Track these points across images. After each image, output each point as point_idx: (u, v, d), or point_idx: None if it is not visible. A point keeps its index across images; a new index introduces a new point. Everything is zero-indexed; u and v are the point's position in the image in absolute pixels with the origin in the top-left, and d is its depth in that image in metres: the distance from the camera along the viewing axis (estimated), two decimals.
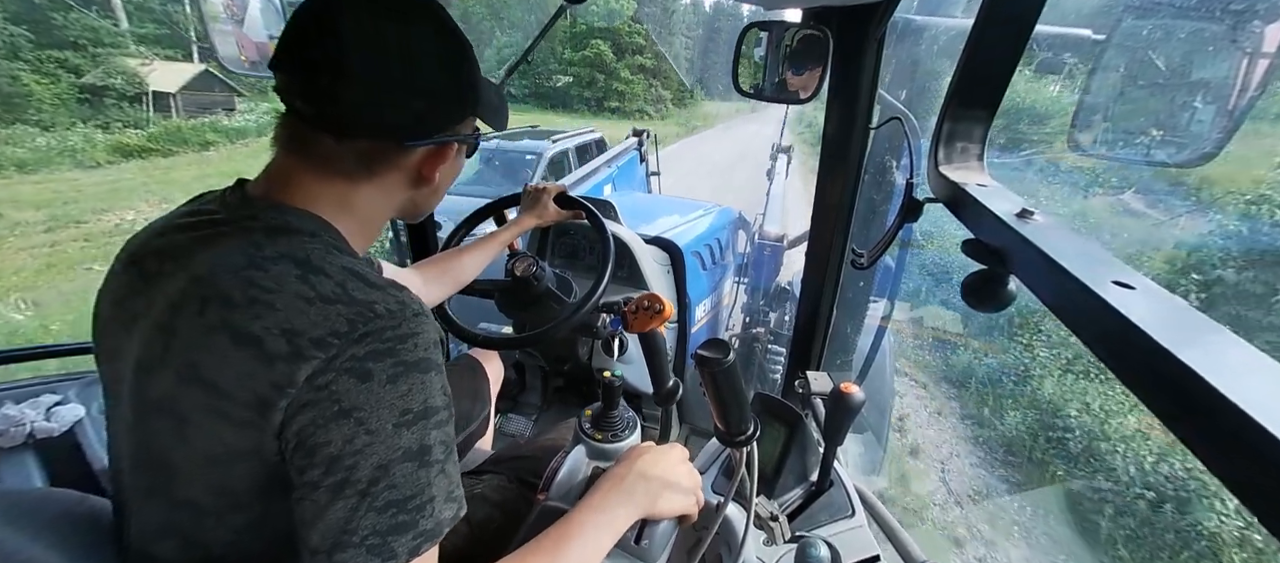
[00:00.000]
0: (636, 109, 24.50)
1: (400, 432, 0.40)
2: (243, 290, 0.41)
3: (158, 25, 14.88)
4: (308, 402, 0.39)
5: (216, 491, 0.43)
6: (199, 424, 0.41)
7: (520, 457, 0.92)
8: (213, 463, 0.42)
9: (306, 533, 0.39)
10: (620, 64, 24.67)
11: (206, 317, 0.41)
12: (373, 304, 0.43)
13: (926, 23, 1.41)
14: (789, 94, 0.94)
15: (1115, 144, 0.84)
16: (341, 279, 0.43)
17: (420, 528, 0.40)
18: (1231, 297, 4.02)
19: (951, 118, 0.62)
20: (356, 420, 0.39)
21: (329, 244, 0.47)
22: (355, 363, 0.40)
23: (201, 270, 0.43)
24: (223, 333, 0.40)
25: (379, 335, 0.41)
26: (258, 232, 0.45)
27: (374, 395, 0.40)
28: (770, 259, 2.37)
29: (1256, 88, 0.63)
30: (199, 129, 11.92)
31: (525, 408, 1.74)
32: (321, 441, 0.39)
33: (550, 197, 1.05)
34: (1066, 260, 0.40)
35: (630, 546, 0.58)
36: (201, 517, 0.44)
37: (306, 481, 0.40)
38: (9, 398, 1.00)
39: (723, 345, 0.53)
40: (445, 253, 0.99)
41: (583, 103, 24.53)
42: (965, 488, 3.38)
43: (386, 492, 0.39)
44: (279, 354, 0.39)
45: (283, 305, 0.41)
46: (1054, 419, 3.79)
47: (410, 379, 0.41)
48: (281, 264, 0.43)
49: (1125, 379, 0.33)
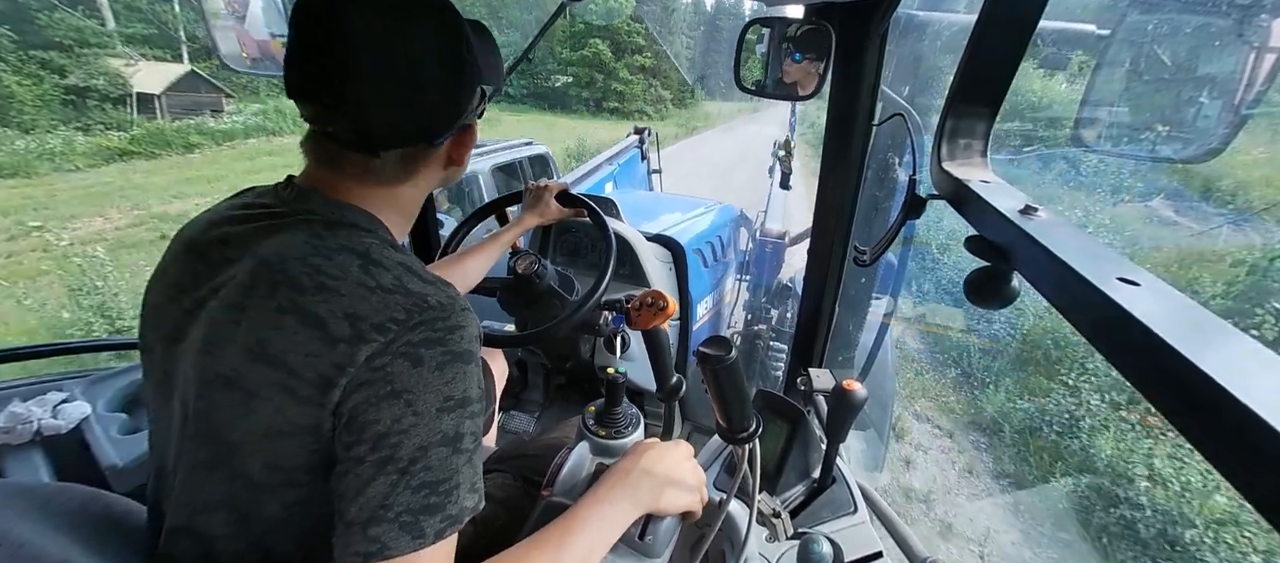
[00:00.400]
0: (635, 109, 24.06)
1: (442, 417, 0.43)
2: (311, 276, 0.44)
3: (145, 25, 14.43)
4: (365, 381, 0.42)
5: (273, 466, 0.46)
6: (267, 399, 0.43)
7: (524, 454, 0.92)
8: (273, 437, 0.44)
9: (345, 506, 0.42)
10: (619, 64, 24.29)
11: (276, 298, 0.44)
12: (427, 297, 0.46)
13: (929, 18, 1.41)
14: (791, 91, 0.94)
15: (1120, 140, 0.84)
16: (398, 273, 0.47)
17: (447, 512, 0.43)
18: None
19: (954, 114, 0.62)
20: (406, 401, 0.42)
21: (384, 240, 0.51)
22: (410, 348, 0.43)
23: (269, 256, 0.46)
24: (291, 314, 0.43)
25: (431, 325, 0.45)
26: (317, 224, 0.49)
27: (423, 380, 0.43)
28: (772, 256, 2.36)
29: (1263, 82, 0.62)
30: (184, 131, 11.70)
31: (528, 406, 1.74)
32: (372, 418, 0.42)
33: (552, 195, 1.06)
34: (1070, 257, 0.40)
35: (634, 542, 0.58)
36: (257, 491, 0.47)
37: (352, 455, 0.42)
38: (16, 396, 1.01)
39: (725, 343, 0.53)
40: (449, 257, 1.00)
41: (581, 103, 24.19)
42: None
43: (423, 472, 0.42)
44: (342, 336, 0.43)
45: (347, 292, 0.44)
46: (1115, 488, 3.02)
47: (455, 368, 0.45)
48: (343, 255, 0.46)
49: (1130, 376, 0.33)
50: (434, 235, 1.33)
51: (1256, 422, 0.24)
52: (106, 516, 0.53)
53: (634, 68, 24.75)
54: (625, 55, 24.55)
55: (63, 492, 0.52)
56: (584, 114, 23.04)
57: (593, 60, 24.09)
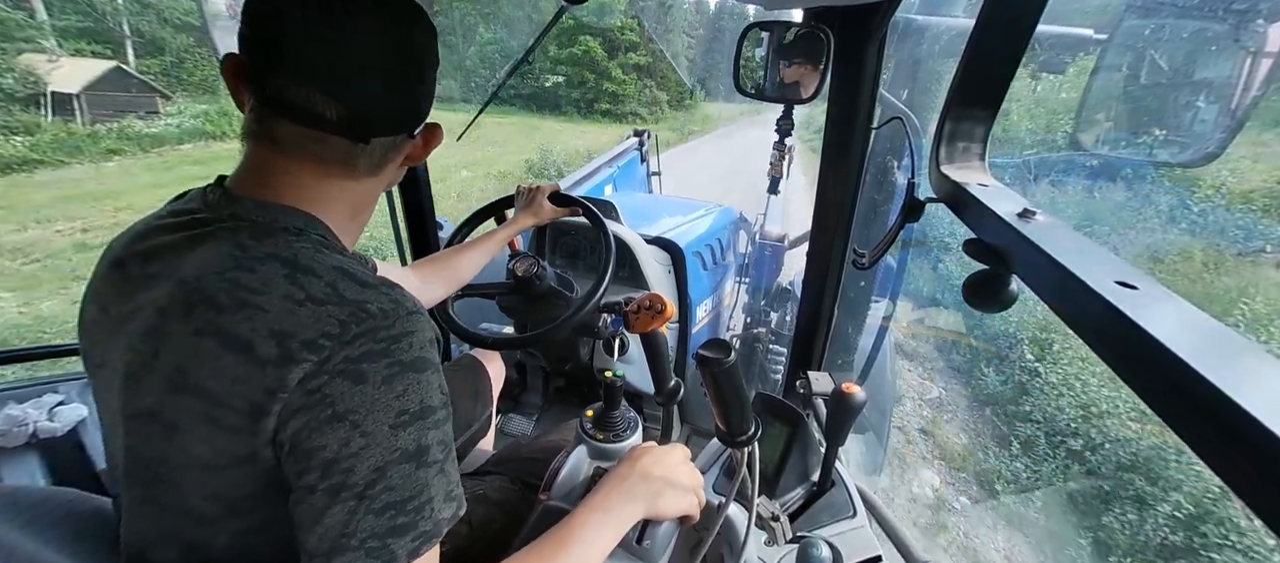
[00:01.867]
0: (629, 112, 21.59)
1: (397, 433, 0.40)
2: (229, 293, 0.40)
3: (82, 16, 12.60)
4: (301, 406, 0.39)
5: (213, 497, 0.43)
6: (191, 431, 0.40)
7: (522, 458, 0.92)
8: (207, 470, 0.41)
9: (304, 537, 0.39)
10: (612, 62, 21.62)
11: (193, 321, 0.40)
12: (365, 304, 0.42)
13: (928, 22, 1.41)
14: (790, 94, 0.94)
15: (1118, 143, 0.84)
16: (332, 279, 0.42)
17: (419, 529, 0.40)
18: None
19: (953, 117, 0.62)
20: (351, 423, 0.39)
21: (317, 242, 0.46)
22: (348, 365, 0.39)
23: (187, 273, 0.42)
24: (211, 337, 0.39)
25: (372, 336, 0.41)
26: (243, 231, 0.44)
27: (369, 398, 0.39)
28: (771, 259, 2.36)
29: (1259, 87, 0.63)
30: (102, 136, 10.07)
31: (527, 408, 1.74)
32: (317, 444, 0.39)
33: (544, 195, 1.05)
34: (1068, 260, 0.40)
35: (632, 546, 0.58)
36: (200, 524, 0.44)
37: (303, 485, 0.39)
38: (12, 398, 1.01)
39: (724, 346, 0.53)
40: (443, 252, 1.00)
41: (572, 105, 21.88)
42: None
43: (384, 494, 0.39)
44: (269, 358, 0.39)
45: (271, 307, 0.40)
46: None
47: (406, 380, 0.41)
48: (269, 265, 0.42)
49: (1127, 380, 0.33)
50: (433, 238, 1.33)
51: (1256, 426, 0.24)
52: (95, 519, 0.53)
53: (628, 67, 22.26)
54: (619, 54, 21.92)
55: (56, 496, 0.51)
56: (574, 117, 21.02)
57: (583, 59, 21.52)
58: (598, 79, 21.89)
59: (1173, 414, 0.30)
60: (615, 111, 21.61)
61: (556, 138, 14.44)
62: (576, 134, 16.30)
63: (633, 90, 22.32)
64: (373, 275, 0.45)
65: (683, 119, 22.41)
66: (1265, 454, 0.24)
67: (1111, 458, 3.20)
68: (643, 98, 22.78)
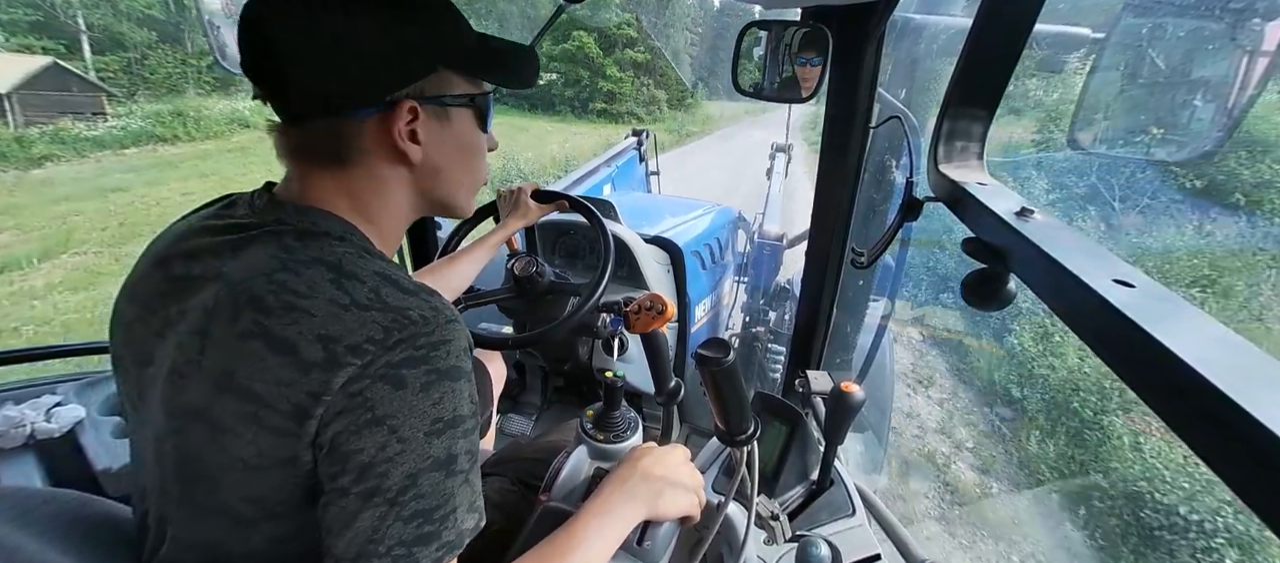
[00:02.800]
0: (625, 111, 20.03)
1: (431, 441, 0.40)
2: (277, 296, 0.41)
3: (30, 9, 11.38)
4: (343, 409, 0.39)
5: (252, 499, 0.43)
6: (237, 432, 0.40)
7: (522, 458, 0.92)
8: (248, 470, 0.41)
9: (332, 540, 0.40)
10: (608, 59, 20.15)
11: (240, 323, 0.41)
12: (407, 311, 0.42)
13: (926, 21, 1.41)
14: (788, 93, 0.94)
15: (1115, 142, 0.84)
16: (375, 285, 0.43)
17: (443, 539, 0.41)
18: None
19: (951, 116, 0.62)
20: (389, 428, 0.39)
21: (360, 248, 0.47)
22: (390, 370, 0.40)
23: (234, 275, 0.43)
24: (258, 339, 0.40)
25: (413, 342, 0.41)
26: (288, 235, 0.45)
27: (407, 403, 0.40)
28: (770, 258, 2.36)
29: (1256, 86, 0.63)
30: (31, 140, 9.01)
31: (526, 408, 1.74)
32: (354, 448, 0.39)
33: (526, 195, 1.05)
34: (1066, 258, 0.40)
35: (633, 547, 0.58)
36: (238, 526, 0.44)
37: (336, 487, 0.40)
38: (9, 399, 1.00)
39: (723, 345, 0.53)
40: (439, 261, 1.00)
41: (565, 104, 20.37)
42: None
43: (414, 502, 0.39)
44: (315, 361, 0.39)
45: (318, 311, 0.40)
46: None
47: (442, 387, 0.41)
48: (314, 269, 0.42)
49: (1125, 377, 0.33)
50: (432, 241, 1.33)
51: (1250, 422, 0.24)
52: (98, 521, 0.53)
53: (625, 64, 20.59)
54: (615, 50, 20.33)
55: (54, 497, 0.51)
56: (567, 116, 19.49)
57: (578, 55, 20.13)
58: (593, 77, 20.40)
59: (1173, 414, 0.30)
60: (611, 111, 20.17)
61: (542, 140, 13.12)
62: (565, 136, 14.82)
63: (629, 88, 20.78)
64: (412, 282, 0.46)
65: (681, 120, 20.89)
66: (1261, 449, 0.24)
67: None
68: (640, 96, 21.29)
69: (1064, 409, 3.44)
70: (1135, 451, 2.96)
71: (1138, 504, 2.79)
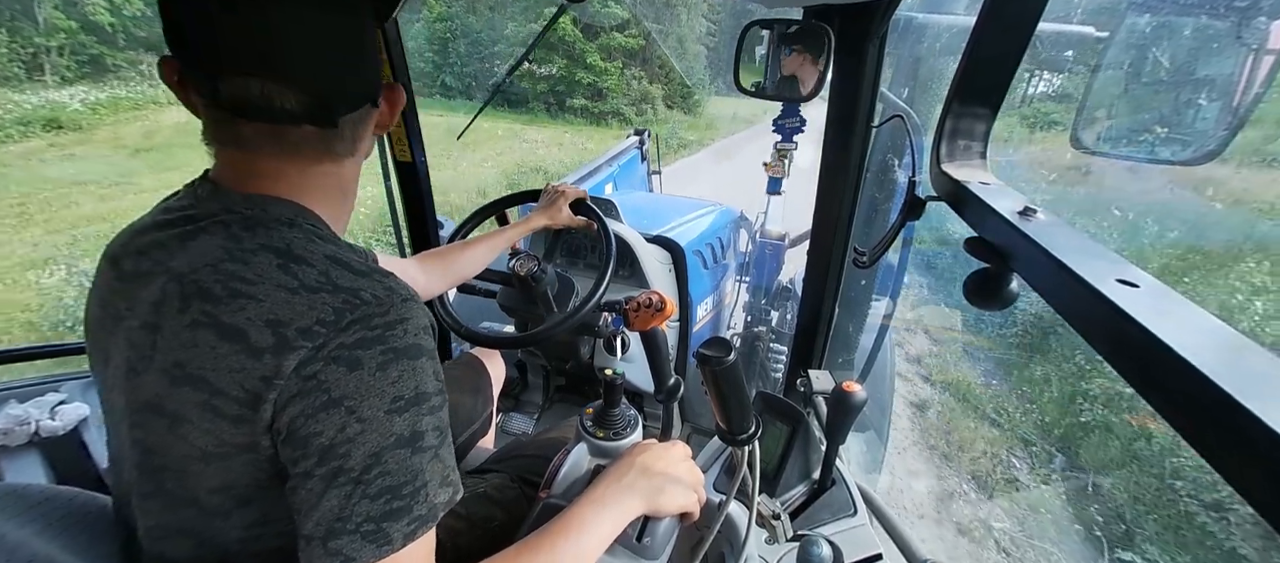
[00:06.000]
0: (611, 111, 14.62)
1: (392, 419, 0.40)
2: (224, 284, 0.41)
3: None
4: (297, 393, 0.39)
5: (220, 488, 0.43)
6: (194, 422, 0.41)
7: (522, 455, 0.92)
8: (210, 460, 0.42)
9: (302, 521, 0.40)
10: (590, 45, 14.43)
11: (189, 314, 0.41)
12: (359, 291, 0.42)
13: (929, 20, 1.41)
14: (790, 92, 0.94)
15: (1119, 142, 0.84)
16: (325, 267, 0.43)
17: (415, 514, 0.41)
18: None
19: (954, 115, 0.62)
20: (347, 409, 0.39)
21: (309, 232, 0.46)
22: (343, 352, 0.40)
23: (181, 267, 0.42)
24: (207, 329, 0.40)
25: (366, 323, 0.41)
26: (234, 224, 0.44)
27: (364, 384, 0.40)
28: (772, 258, 2.36)
29: (1261, 85, 0.62)
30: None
31: (527, 407, 1.74)
32: (313, 431, 0.39)
33: (566, 201, 1.05)
34: (1069, 258, 0.40)
35: (632, 543, 0.58)
36: (209, 516, 0.44)
37: (299, 470, 0.40)
38: (14, 397, 1.01)
39: (724, 344, 0.53)
40: (448, 246, 1.00)
41: (537, 99, 14.93)
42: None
43: (380, 479, 0.40)
44: (265, 346, 0.39)
45: (265, 296, 0.40)
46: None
47: (400, 366, 0.41)
48: (261, 255, 0.42)
49: (1128, 378, 0.33)
50: (433, 237, 1.33)
51: (1257, 424, 0.24)
52: (103, 518, 0.53)
53: (612, 51, 14.73)
54: (601, 34, 14.63)
55: (59, 495, 0.52)
56: (539, 115, 14.58)
57: (551, 38, 13.26)
58: (571, 66, 14.56)
59: (1177, 417, 0.30)
60: (593, 110, 14.76)
61: (488, 150, 9.62)
62: (517, 144, 10.87)
63: (616, 82, 14.96)
64: (367, 263, 0.46)
65: (680, 122, 15.19)
66: (1264, 450, 0.24)
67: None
68: (629, 92, 15.45)
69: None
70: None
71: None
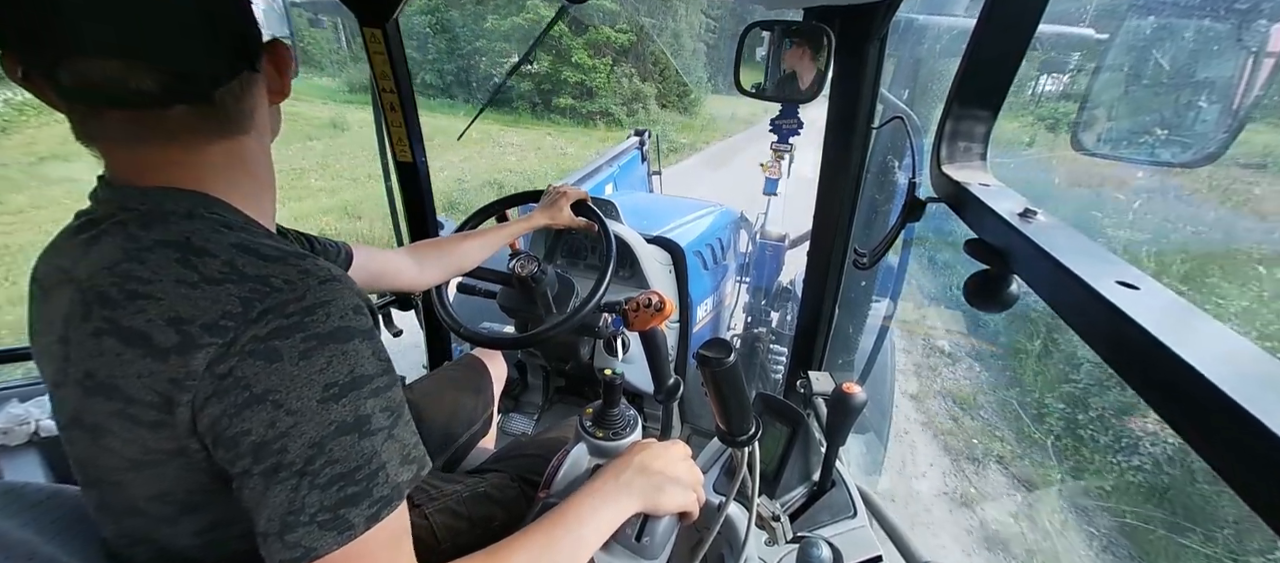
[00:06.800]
0: (599, 111, 13.46)
1: (328, 406, 0.38)
2: (120, 287, 0.38)
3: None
4: (213, 392, 0.37)
5: (160, 497, 0.42)
6: (114, 432, 0.39)
7: (522, 455, 0.92)
8: (140, 468, 0.41)
9: (255, 519, 0.39)
10: (576, 40, 13.35)
11: (92, 322, 0.39)
12: (267, 278, 0.39)
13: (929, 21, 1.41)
14: (790, 93, 0.94)
15: (1119, 144, 0.84)
16: (229, 257, 0.40)
17: (376, 496, 0.39)
18: None
19: (954, 117, 0.62)
20: (273, 403, 0.37)
21: (213, 222, 0.43)
22: (257, 344, 0.37)
23: (81, 274, 0.41)
24: (110, 336, 0.38)
25: (280, 311, 0.38)
26: (131, 222, 0.41)
27: (287, 375, 0.37)
28: (772, 259, 2.36)
29: (1262, 87, 0.63)
30: None
31: (527, 407, 1.74)
32: (241, 430, 0.37)
33: (568, 201, 1.05)
34: (1069, 260, 0.40)
35: (631, 543, 0.58)
36: (159, 524, 0.43)
37: (238, 471, 0.38)
38: (14, 397, 1.01)
39: (724, 345, 0.53)
40: (446, 237, 0.99)
41: (523, 99, 13.69)
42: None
43: (327, 468, 0.38)
44: (170, 346, 0.37)
45: (164, 294, 0.38)
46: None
47: (327, 351, 0.39)
48: (159, 252, 0.39)
49: (1128, 379, 0.33)
50: (434, 229, 1.33)
51: (1254, 424, 0.24)
52: None
53: (600, 47, 13.64)
54: (589, 29, 13.59)
55: (59, 494, 0.51)
56: (523, 115, 13.32)
57: (534, 32, 12.67)
58: (556, 64, 13.41)
59: (1174, 414, 0.30)
60: (580, 109, 13.61)
61: (452, 156, 8.37)
62: (490, 148, 9.75)
63: (605, 80, 13.84)
64: (278, 248, 0.42)
65: (673, 123, 13.91)
66: (1262, 450, 0.24)
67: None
68: (619, 91, 14.30)
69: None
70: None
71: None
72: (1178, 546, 2.54)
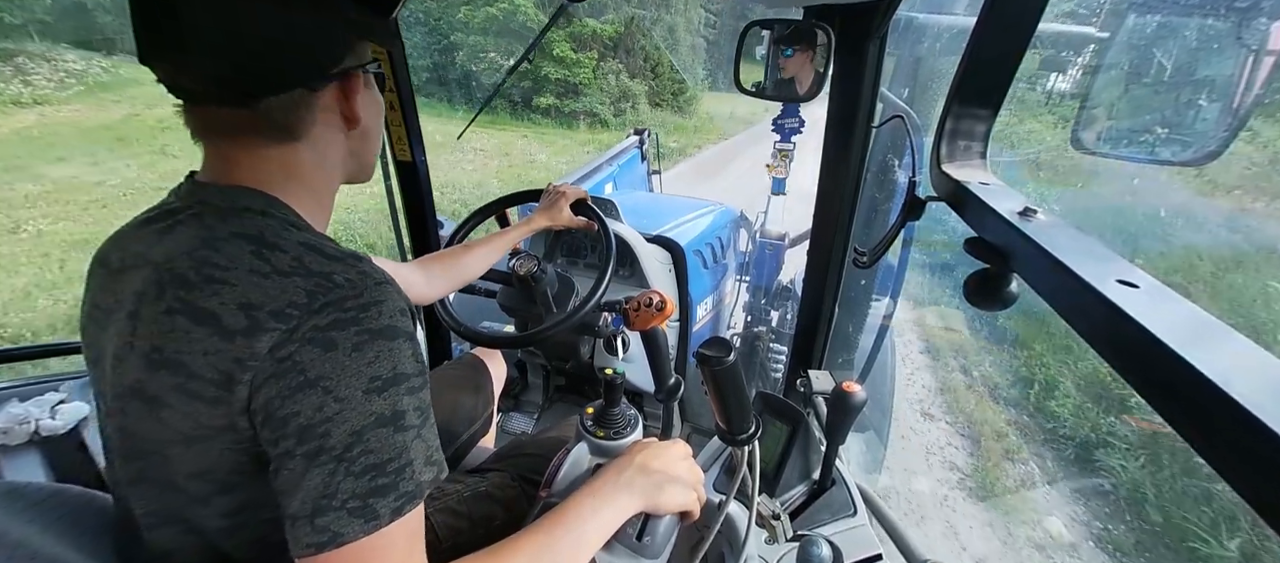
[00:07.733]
0: (585, 110, 12.31)
1: (371, 398, 0.41)
2: (197, 270, 0.42)
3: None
4: (272, 374, 0.40)
5: (197, 473, 0.44)
6: (171, 405, 0.42)
7: (523, 454, 0.92)
8: (190, 443, 0.43)
9: (287, 502, 0.40)
10: (560, 33, 12.10)
11: (165, 300, 0.42)
12: (331, 275, 0.43)
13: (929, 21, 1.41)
14: (790, 92, 0.94)
15: (1119, 142, 0.84)
16: (298, 253, 0.44)
17: (402, 490, 0.41)
18: None
19: (954, 116, 0.62)
20: (324, 389, 0.40)
21: (283, 221, 0.47)
22: (317, 333, 0.41)
23: (158, 257, 0.44)
24: (182, 314, 0.41)
25: (339, 305, 0.42)
26: (209, 215, 0.46)
27: (339, 364, 0.40)
28: (772, 258, 2.36)
29: (1262, 86, 0.62)
30: None
31: (528, 406, 1.74)
32: (290, 411, 0.40)
33: (567, 201, 1.05)
34: (1069, 259, 0.40)
35: (632, 542, 0.58)
36: (192, 502, 0.45)
37: (280, 451, 0.40)
38: (14, 396, 1.01)
39: (724, 344, 0.53)
40: (450, 249, 1.00)
41: (502, 97, 11.67)
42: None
43: (363, 457, 0.40)
44: (238, 328, 0.40)
45: (238, 281, 0.41)
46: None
47: (376, 347, 0.42)
48: (235, 243, 0.43)
49: (1129, 379, 0.33)
50: (433, 236, 1.33)
51: (1255, 424, 0.24)
52: (103, 517, 0.53)
53: (584, 40, 12.56)
54: (572, 21, 12.25)
55: (59, 493, 0.52)
56: (501, 114, 12.02)
57: (511, 25, 12.06)
58: (536, 59, 4.75)
59: (1174, 413, 0.30)
60: (564, 108, 12.33)
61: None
62: (453, 156, 8.57)
63: (590, 76, 12.49)
64: (338, 250, 0.46)
65: (665, 124, 12.60)
66: (1263, 450, 0.24)
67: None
68: (607, 89, 12.90)
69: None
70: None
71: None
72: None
